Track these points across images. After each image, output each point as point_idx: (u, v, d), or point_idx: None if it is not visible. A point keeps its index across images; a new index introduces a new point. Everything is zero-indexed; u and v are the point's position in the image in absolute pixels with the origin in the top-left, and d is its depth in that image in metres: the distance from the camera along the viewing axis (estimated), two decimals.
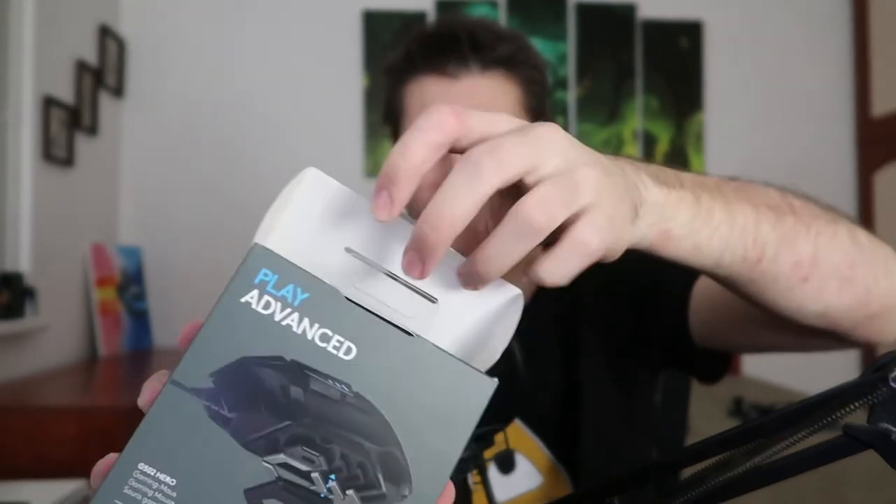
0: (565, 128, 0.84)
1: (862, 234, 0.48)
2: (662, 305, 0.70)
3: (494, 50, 0.71)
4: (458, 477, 0.49)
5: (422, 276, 0.30)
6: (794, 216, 0.45)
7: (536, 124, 0.33)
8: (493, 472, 0.71)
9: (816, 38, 3.54)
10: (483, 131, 0.32)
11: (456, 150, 0.33)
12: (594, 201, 0.32)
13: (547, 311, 0.77)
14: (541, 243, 0.32)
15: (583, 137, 3.22)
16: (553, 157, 0.32)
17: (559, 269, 0.32)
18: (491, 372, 0.31)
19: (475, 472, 0.51)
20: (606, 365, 0.74)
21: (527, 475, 0.71)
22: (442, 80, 0.71)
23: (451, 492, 0.27)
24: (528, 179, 0.31)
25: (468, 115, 0.32)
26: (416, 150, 0.31)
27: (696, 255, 0.41)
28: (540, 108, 0.76)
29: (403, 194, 0.31)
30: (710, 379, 0.73)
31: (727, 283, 0.44)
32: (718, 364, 0.71)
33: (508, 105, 0.72)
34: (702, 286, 0.67)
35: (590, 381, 0.72)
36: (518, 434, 0.72)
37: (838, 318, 0.47)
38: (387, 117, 0.79)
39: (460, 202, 0.30)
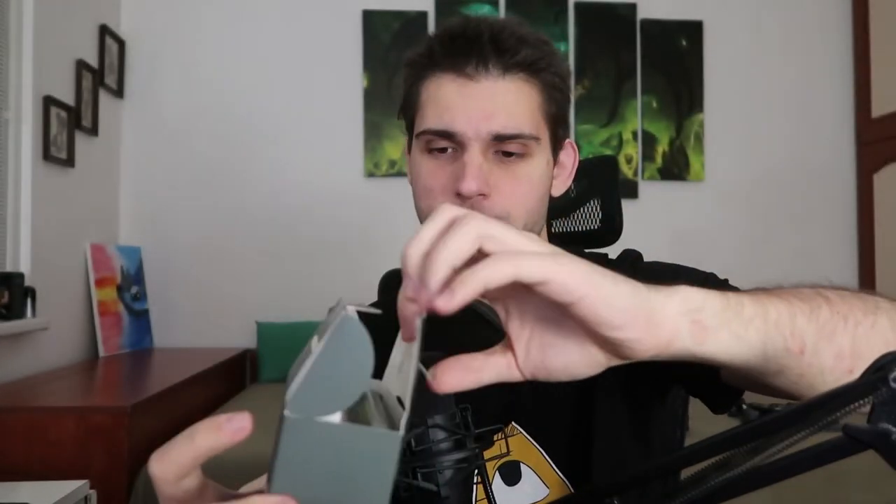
0: None
1: None
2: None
3: (517, 54, 0.70)
4: (459, 476, 0.49)
5: (446, 308, 0.33)
6: (830, 308, 0.45)
7: (566, 254, 0.37)
8: (498, 483, 0.70)
9: (816, 38, 3.54)
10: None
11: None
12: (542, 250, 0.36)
13: None
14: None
15: (583, 137, 3.22)
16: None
17: (477, 274, 0.34)
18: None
19: (475, 472, 0.51)
20: (620, 382, 0.73)
21: (533, 487, 0.70)
22: (460, 80, 0.70)
23: None
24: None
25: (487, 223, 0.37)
26: (424, 238, 0.36)
27: (739, 346, 0.41)
28: (560, 114, 0.75)
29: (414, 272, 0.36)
30: (722, 409, 0.73)
31: (780, 380, 0.45)
32: (731, 397, 0.71)
33: (527, 110, 0.71)
34: None
35: (603, 399, 0.71)
36: (524, 446, 0.71)
37: None
38: (403, 111, 0.78)
39: (487, 272, 0.35)
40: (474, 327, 0.71)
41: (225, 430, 0.32)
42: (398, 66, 3.22)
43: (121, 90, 3.13)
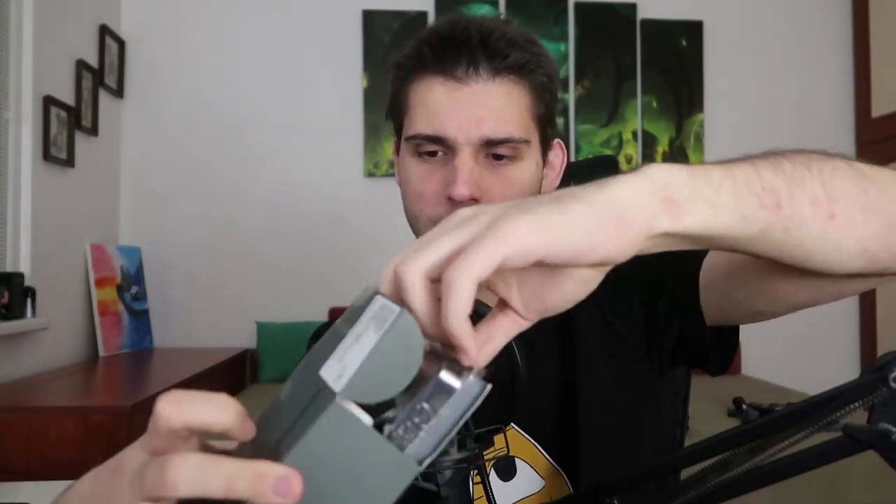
0: (565, 128, 0.83)
1: (858, 164, 0.49)
2: (670, 288, 0.69)
3: (507, 57, 0.70)
4: (458, 476, 0.49)
5: (479, 360, 0.34)
6: (790, 161, 0.45)
7: (498, 221, 0.36)
8: (493, 479, 0.70)
9: (816, 38, 3.54)
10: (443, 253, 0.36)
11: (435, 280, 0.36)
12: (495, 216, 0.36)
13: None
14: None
15: (583, 137, 3.21)
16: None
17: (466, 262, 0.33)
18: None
19: (475, 472, 0.51)
20: (607, 367, 0.73)
21: (528, 480, 0.71)
22: (449, 83, 0.70)
23: None
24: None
25: (422, 249, 0.36)
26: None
27: (716, 214, 0.40)
28: (548, 114, 0.75)
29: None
30: (719, 367, 0.72)
31: (766, 243, 0.44)
32: (727, 350, 0.71)
33: (516, 113, 0.71)
34: (713, 259, 0.66)
35: (587, 384, 0.71)
36: (517, 440, 0.72)
37: (877, 250, 0.46)
38: (390, 113, 0.78)
39: (456, 307, 0.33)
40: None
41: (246, 429, 0.35)
42: None
43: (121, 90, 3.13)
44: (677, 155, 3.41)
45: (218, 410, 0.34)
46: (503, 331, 0.39)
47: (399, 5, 3.28)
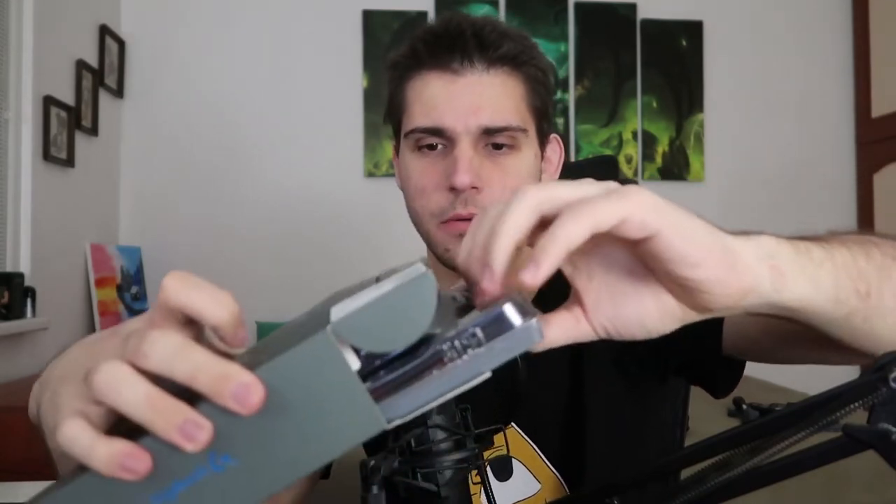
0: (565, 128, 0.83)
1: None
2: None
3: (500, 48, 0.71)
4: (458, 476, 0.49)
5: (535, 281, 0.32)
6: (880, 250, 0.45)
7: (624, 187, 0.35)
8: (489, 478, 0.70)
9: (816, 38, 3.54)
10: (569, 196, 0.35)
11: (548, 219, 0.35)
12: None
13: None
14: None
15: (583, 137, 3.21)
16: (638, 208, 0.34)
17: (568, 222, 0.33)
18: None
19: (474, 472, 0.51)
20: (615, 375, 0.73)
21: (524, 482, 0.71)
22: (445, 77, 0.70)
23: None
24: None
25: (554, 184, 0.35)
26: (511, 218, 0.34)
27: (815, 291, 0.40)
28: (544, 108, 0.75)
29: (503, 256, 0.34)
30: (724, 391, 0.73)
31: (842, 328, 0.43)
32: (734, 376, 0.71)
33: (512, 103, 0.71)
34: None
35: (594, 391, 0.71)
36: (517, 441, 0.72)
37: None
38: (389, 115, 0.78)
39: (565, 232, 0.32)
40: None
41: (238, 333, 0.34)
42: None
43: (121, 90, 3.12)
44: (677, 155, 3.41)
45: (215, 304, 0.34)
46: (562, 325, 0.38)
47: (399, 5, 3.28)
